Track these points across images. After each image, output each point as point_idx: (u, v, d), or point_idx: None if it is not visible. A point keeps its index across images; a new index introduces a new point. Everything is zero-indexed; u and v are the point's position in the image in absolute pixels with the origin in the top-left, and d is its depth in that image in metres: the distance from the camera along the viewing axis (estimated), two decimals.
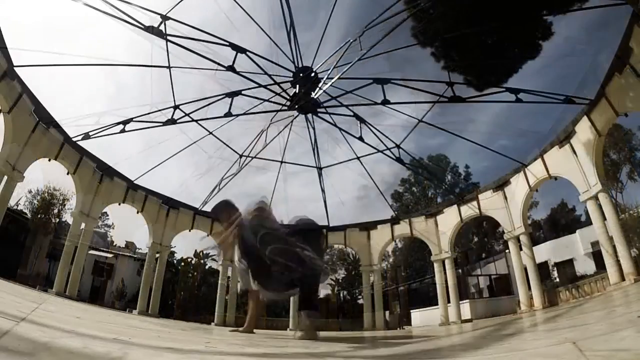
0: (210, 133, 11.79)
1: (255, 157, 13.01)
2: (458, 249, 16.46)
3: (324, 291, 24.74)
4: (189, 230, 13.72)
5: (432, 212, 14.02)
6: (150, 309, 11.90)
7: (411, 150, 12.95)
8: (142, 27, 7.14)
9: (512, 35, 7.96)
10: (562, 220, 27.35)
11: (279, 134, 12.29)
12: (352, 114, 11.06)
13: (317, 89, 9.05)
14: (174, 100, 10.09)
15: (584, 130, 8.86)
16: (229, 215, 3.44)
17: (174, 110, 10.11)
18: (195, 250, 23.83)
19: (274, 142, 12.41)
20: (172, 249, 16.26)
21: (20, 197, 20.67)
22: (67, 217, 19.78)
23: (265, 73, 8.68)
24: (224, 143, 12.80)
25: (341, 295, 24.84)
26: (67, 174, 10.42)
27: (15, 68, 8.10)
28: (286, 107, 10.24)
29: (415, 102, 10.88)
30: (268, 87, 9.57)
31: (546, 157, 10.12)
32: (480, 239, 29.04)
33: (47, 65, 9.00)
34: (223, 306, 13.95)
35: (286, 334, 7.02)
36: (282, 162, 13.92)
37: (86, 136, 10.31)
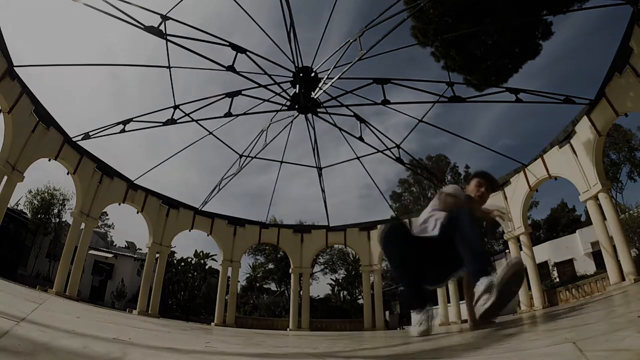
0: (210, 133, 11.81)
1: (255, 157, 13.04)
2: None
3: (324, 291, 24.79)
4: (189, 230, 13.73)
5: None
6: (150, 309, 11.90)
7: (412, 150, 12.96)
8: (142, 27, 7.14)
9: (512, 35, 7.95)
10: (562, 220, 27.34)
11: (279, 134, 12.33)
12: (352, 114, 11.07)
13: (317, 89, 9.05)
14: (174, 100, 10.11)
15: (584, 130, 8.86)
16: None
17: (174, 110, 10.13)
18: (195, 250, 23.87)
19: (273, 142, 12.42)
20: (172, 249, 16.25)
21: (20, 197, 20.69)
22: (67, 217, 19.82)
23: (265, 73, 8.68)
24: (224, 143, 12.84)
25: (341, 295, 24.82)
26: (67, 174, 10.43)
27: (15, 68, 8.10)
28: (286, 107, 10.25)
29: (415, 102, 10.90)
30: (268, 87, 9.58)
31: (546, 157, 10.12)
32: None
33: (47, 65, 9.01)
34: (223, 306, 13.96)
35: (286, 333, 7.03)
36: (282, 162, 13.95)
37: (86, 136, 10.33)
